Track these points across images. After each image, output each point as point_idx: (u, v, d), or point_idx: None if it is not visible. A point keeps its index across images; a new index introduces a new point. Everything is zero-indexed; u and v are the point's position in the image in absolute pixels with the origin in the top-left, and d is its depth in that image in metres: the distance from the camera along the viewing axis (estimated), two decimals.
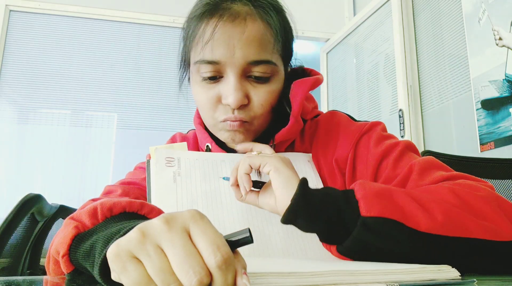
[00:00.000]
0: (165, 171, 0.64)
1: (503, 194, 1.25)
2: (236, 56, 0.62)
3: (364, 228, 0.47)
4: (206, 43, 0.63)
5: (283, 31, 0.67)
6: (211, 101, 0.66)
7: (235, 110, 0.66)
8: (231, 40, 0.62)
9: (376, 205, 0.47)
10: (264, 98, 0.66)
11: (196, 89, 0.69)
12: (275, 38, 0.65)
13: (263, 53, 0.64)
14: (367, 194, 0.48)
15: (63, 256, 0.45)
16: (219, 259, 0.29)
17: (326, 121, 0.76)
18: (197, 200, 0.62)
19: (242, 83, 0.65)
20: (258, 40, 0.63)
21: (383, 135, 0.71)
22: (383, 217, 0.47)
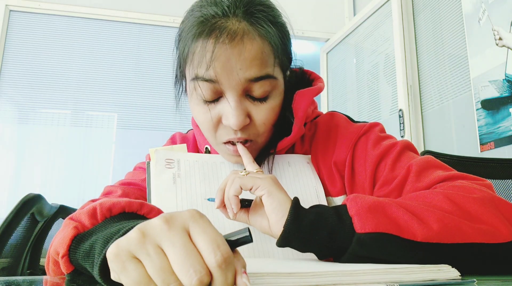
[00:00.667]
0: (165, 172, 0.64)
1: (503, 194, 1.25)
2: (235, 77, 0.60)
3: (360, 245, 0.47)
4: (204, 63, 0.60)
5: (281, 43, 0.64)
6: (212, 122, 0.64)
7: (237, 131, 0.63)
8: (229, 61, 0.59)
9: (370, 220, 0.47)
10: (265, 116, 0.64)
11: (195, 109, 0.67)
12: (274, 53, 0.63)
13: (263, 70, 0.61)
14: (360, 210, 0.48)
15: (62, 257, 0.45)
16: (219, 258, 0.29)
17: (325, 123, 0.75)
18: (196, 202, 0.62)
19: (242, 103, 0.62)
20: (257, 58, 0.60)
21: (380, 136, 0.71)
22: (378, 232, 0.47)
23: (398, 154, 0.66)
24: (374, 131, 0.71)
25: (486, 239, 0.48)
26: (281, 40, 0.64)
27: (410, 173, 0.61)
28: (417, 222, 0.48)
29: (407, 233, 0.47)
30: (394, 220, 0.48)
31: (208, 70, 0.60)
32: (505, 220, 0.50)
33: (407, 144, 0.69)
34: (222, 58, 0.59)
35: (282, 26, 0.67)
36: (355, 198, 0.51)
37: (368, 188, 0.66)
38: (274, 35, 0.63)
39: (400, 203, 0.51)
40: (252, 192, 0.55)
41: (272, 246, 0.60)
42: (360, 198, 0.50)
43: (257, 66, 0.60)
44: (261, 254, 0.59)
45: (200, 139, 0.76)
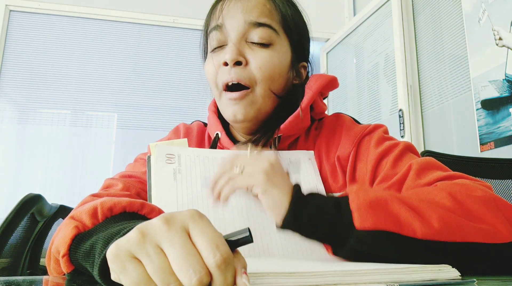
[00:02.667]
0: (165, 168, 0.64)
1: (503, 194, 1.25)
2: (236, 19, 0.69)
3: (359, 241, 0.47)
4: (214, 15, 0.72)
5: (286, 10, 0.72)
6: (215, 67, 0.71)
7: (231, 69, 0.68)
8: (234, 7, 0.70)
9: (370, 216, 0.47)
10: (262, 61, 0.68)
11: (206, 63, 0.74)
12: (277, 11, 0.71)
13: (262, 17, 0.69)
14: (361, 205, 0.48)
15: (63, 256, 0.45)
16: (218, 259, 0.29)
17: (330, 123, 0.77)
18: (197, 198, 0.62)
19: (240, 44, 0.69)
20: (259, 7, 0.69)
21: (384, 136, 0.72)
22: (378, 230, 0.46)
23: (400, 153, 0.67)
24: (378, 132, 0.73)
25: (486, 239, 0.48)
26: (289, 10, 0.73)
27: (411, 170, 0.62)
28: (418, 219, 0.47)
29: (407, 230, 0.47)
30: (394, 217, 0.48)
31: (216, 19, 0.71)
32: (506, 220, 0.50)
33: (409, 146, 0.70)
34: (228, 6, 0.70)
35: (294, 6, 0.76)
36: (358, 191, 0.50)
37: (368, 184, 0.67)
38: (281, 2, 0.72)
39: (402, 198, 0.50)
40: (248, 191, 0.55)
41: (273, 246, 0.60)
42: (363, 191, 0.50)
43: (257, 12, 0.69)
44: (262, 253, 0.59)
45: (212, 123, 0.78)
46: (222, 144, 0.75)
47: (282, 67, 0.71)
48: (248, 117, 0.70)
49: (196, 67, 2.82)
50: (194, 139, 0.79)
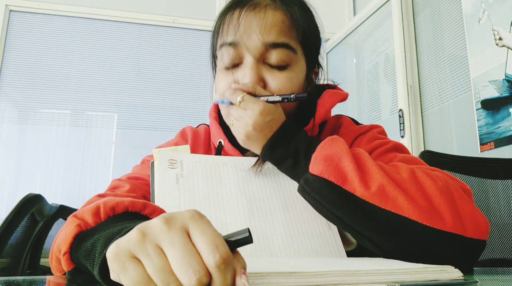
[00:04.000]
0: (168, 172, 0.64)
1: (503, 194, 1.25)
2: (253, 39, 0.65)
3: (306, 181, 0.56)
4: (229, 30, 0.68)
5: (304, 22, 0.70)
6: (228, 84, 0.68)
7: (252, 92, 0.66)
8: (251, 25, 0.66)
9: (319, 166, 0.55)
10: (281, 84, 0.67)
11: (219, 77, 0.72)
12: (296, 28, 0.68)
13: (281, 37, 0.66)
14: (318, 155, 0.56)
15: (64, 254, 0.46)
16: (217, 259, 0.29)
17: (331, 124, 0.78)
18: (199, 202, 0.62)
19: (258, 67, 0.67)
20: (277, 26, 0.66)
21: (377, 136, 0.73)
22: (322, 177, 0.54)
23: (386, 149, 0.68)
24: (372, 131, 0.74)
25: (421, 219, 0.49)
26: (306, 21, 0.70)
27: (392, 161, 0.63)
28: (360, 179, 0.52)
29: (349, 186, 0.52)
30: (340, 171, 0.54)
31: (231, 34, 0.67)
32: (456, 212, 0.51)
33: (399, 146, 0.71)
34: (244, 23, 0.66)
35: (311, 15, 0.74)
36: (327, 143, 0.58)
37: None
38: (298, 13, 0.69)
39: (359, 157, 0.56)
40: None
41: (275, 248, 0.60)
42: (328, 145, 0.58)
43: (275, 32, 0.66)
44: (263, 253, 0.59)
45: (214, 131, 0.77)
46: (226, 152, 0.75)
47: (299, 85, 0.70)
48: None
49: (196, 67, 2.82)
50: (201, 144, 0.79)
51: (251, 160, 0.69)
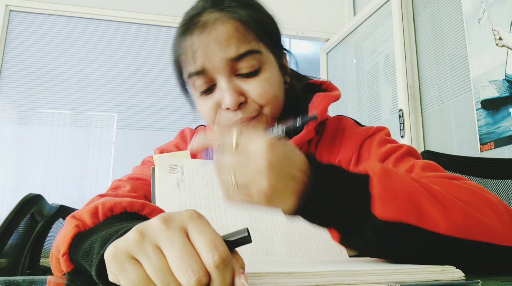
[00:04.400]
0: (169, 177, 0.65)
1: (503, 194, 1.25)
2: (217, 59, 0.64)
3: (375, 231, 0.42)
4: (189, 60, 0.66)
5: (257, 21, 0.67)
6: (213, 110, 0.67)
7: (237, 111, 0.66)
8: (207, 47, 0.64)
9: (392, 206, 0.41)
10: (260, 88, 0.66)
11: (198, 105, 0.71)
12: (251, 30, 0.66)
13: (242, 46, 0.64)
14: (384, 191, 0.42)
15: (63, 255, 0.45)
16: (216, 259, 0.29)
17: (332, 126, 0.77)
18: (200, 205, 0.63)
19: (233, 83, 0.65)
20: (233, 37, 0.64)
21: (386, 139, 0.71)
22: (398, 222, 0.41)
23: (402, 155, 0.66)
24: (380, 134, 0.72)
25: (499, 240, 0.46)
26: (257, 18, 0.68)
27: (415, 168, 0.61)
28: (443, 213, 0.43)
29: (431, 224, 0.42)
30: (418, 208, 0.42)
31: (194, 63, 0.65)
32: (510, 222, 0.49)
33: (412, 150, 0.69)
34: (201, 47, 0.64)
35: (256, 7, 0.70)
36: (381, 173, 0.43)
37: None
38: (246, 15, 0.66)
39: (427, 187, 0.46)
40: None
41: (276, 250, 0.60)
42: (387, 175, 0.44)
43: (234, 44, 0.64)
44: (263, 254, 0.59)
45: None
46: None
47: (277, 81, 0.70)
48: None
49: None
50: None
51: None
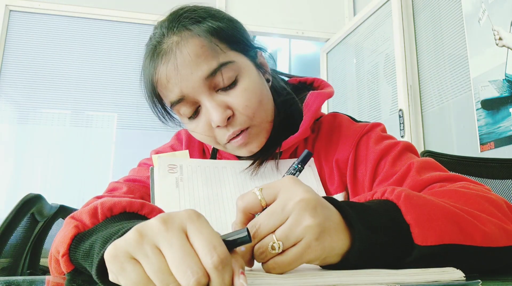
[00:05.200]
0: (168, 177, 0.65)
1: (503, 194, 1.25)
2: (192, 82, 0.62)
3: (419, 259, 0.39)
4: (166, 90, 0.65)
5: (217, 31, 0.65)
6: (206, 131, 0.66)
7: (228, 127, 0.64)
8: (178, 74, 0.62)
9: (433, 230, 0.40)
10: (244, 98, 0.64)
11: (190, 129, 0.70)
12: (213, 41, 0.64)
13: (212, 61, 0.62)
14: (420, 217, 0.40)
15: (63, 256, 0.45)
16: (215, 259, 0.29)
17: (328, 123, 0.76)
18: (199, 205, 0.63)
19: (216, 99, 0.64)
20: (200, 55, 0.62)
21: (382, 135, 0.71)
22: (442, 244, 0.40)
23: (399, 152, 0.66)
24: (376, 131, 0.72)
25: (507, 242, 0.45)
26: (216, 28, 0.65)
27: (411, 170, 0.61)
28: (477, 226, 0.42)
29: (470, 239, 0.41)
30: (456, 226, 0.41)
31: (171, 92, 0.64)
32: None
33: (409, 145, 0.69)
34: (173, 75, 0.63)
35: (213, 16, 0.67)
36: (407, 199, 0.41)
37: (368, 184, 0.66)
38: (205, 29, 0.64)
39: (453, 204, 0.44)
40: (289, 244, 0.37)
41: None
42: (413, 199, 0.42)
43: (204, 62, 0.62)
44: None
45: None
46: (222, 155, 0.75)
47: (258, 84, 0.68)
48: (262, 145, 0.69)
49: None
50: (196, 147, 0.79)
51: (249, 163, 0.69)
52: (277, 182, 0.38)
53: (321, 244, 0.35)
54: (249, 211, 0.37)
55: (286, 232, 0.35)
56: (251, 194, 0.38)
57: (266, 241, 0.35)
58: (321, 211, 0.36)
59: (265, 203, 0.37)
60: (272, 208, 0.36)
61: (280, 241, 0.35)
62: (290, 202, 0.36)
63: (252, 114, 0.65)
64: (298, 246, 0.35)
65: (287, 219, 0.35)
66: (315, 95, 0.73)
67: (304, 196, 0.36)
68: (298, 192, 0.36)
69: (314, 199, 0.36)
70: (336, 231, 0.37)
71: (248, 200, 0.37)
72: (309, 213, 0.35)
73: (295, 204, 0.35)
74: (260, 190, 0.37)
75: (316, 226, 0.35)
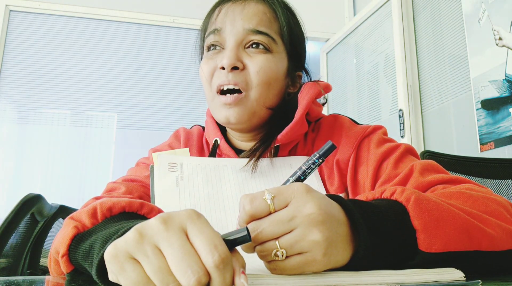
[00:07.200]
0: (168, 175, 0.65)
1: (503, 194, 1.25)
2: (236, 25, 0.69)
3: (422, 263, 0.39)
4: (214, 21, 0.71)
5: (285, 19, 0.72)
6: (210, 69, 0.70)
7: (229, 73, 0.67)
8: (233, 14, 0.69)
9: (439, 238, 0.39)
10: (259, 65, 0.68)
11: (201, 64, 0.74)
12: (275, 19, 0.71)
13: (261, 26, 0.69)
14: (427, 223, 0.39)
15: (62, 256, 0.45)
16: (216, 259, 0.29)
17: (328, 124, 0.76)
18: (199, 204, 0.63)
19: (239, 50, 0.69)
20: (258, 16, 0.69)
21: (384, 138, 0.71)
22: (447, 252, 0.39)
23: (401, 155, 0.66)
24: (377, 133, 0.72)
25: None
26: (288, 20, 0.72)
27: (414, 171, 0.61)
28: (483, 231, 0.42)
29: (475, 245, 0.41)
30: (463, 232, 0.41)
31: (215, 23, 0.70)
32: None
33: (410, 148, 0.69)
34: (227, 12, 0.70)
35: (290, 10, 0.76)
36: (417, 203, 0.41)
37: (369, 185, 0.66)
38: (280, 7, 0.72)
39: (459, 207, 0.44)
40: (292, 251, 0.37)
41: None
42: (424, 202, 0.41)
43: (257, 21, 0.69)
44: None
45: (211, 130, 0.77)
46: (222, 151, 0.75)
47: (278, 73, 0.71)
48: (241, 120, 0.69)
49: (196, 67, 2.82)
50: (194, 145, 0.79)
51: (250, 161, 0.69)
52: (289, 190, 0.37)
53: (327, 259, 0.35)
54: (257, 217, 0.36)
55: (291, 242, 0.34)
56: (262, 201, 0.36)
57: (270, 246, 0.35)
58: (330, 225, 0.35)
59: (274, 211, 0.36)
60: (279, 217, 0.35)
61: (283, 250, 0.34)
62: (299, 213, 0.35)
63: (256, 82, 0.68)
64: (303, 256, 0.34)
65: (292, 230, 0.35)
66: (309, 85, 0.74)
67: (314, 210, 0.35)
68: (308, 204, 0.35)
69: (324, 213, 0.35)
70: (342, 243, 0.36)
71: (257, 207, 0.36)
72: (317, 228, 0.34)
73: (304, 217, 0.34)
74: (272, 198, 0.36)
75: (323, 242, 0.34)
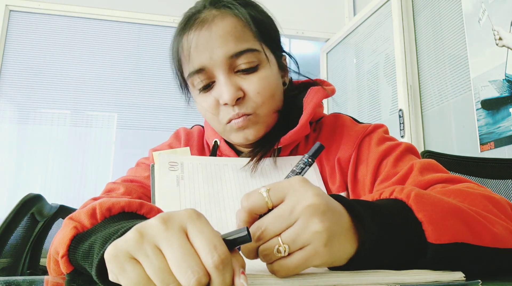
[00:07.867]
0: (169, 175, 0.64)
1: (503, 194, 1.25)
2: (216, 56, 0.65)
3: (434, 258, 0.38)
4: (187, 56, 0.67)
5: (255, 19, 0.68)
6: (212, 107, 0.68)
7: (234, 107, 0.66)
8: (206, 44, 0.65)
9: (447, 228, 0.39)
10: (258, 86, 0.67)
11: (198, 103, 0.71)
12: (249, 28, 0.67)
13: (240, 44, 0.65)
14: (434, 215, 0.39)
15: (62, 257, 0.45)
16: (216, 259, 0.29)
17: (330, 124, 0.76)
18: (200, 203, 0.62)
19: (232, 79, 0.66)
20: (231, 34, 0.65)
21: (385, 136, 0.71)
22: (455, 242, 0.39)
23: (401, 153, 0.66)
24: (378, 132, 0.72)
25: None
26: (256, 17, 0.69)
27: (413, 170, 0.61)
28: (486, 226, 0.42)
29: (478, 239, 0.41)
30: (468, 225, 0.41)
31: (193, 61, 0.66)
32: None
33: (410, 147, 0.69)
34: (199, 42, 0.66)
35: (255, 7, 0.72)
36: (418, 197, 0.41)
37: (369, 184, 0.66)
38: (245, 13, 0.68)
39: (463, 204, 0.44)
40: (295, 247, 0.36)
41: None
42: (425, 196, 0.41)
43: (233, 41, 0.65)
44: None
45: (210, 131, 0.77)
46: (222, 152, 0.75)
47: (275, 79, 0.70)
48: (259, 135, 0.69)
49: None
50: (195, 145, 0.79)
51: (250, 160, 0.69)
52: (285, 183, 0.36)
53: (329, 251, 0.34)
54: (254, 212, 0.36)
55: (292, 236, 0.34)
56: (258, 194, 0.36)
57: (272, 243, 0.34)
58: (330, 216, 0.35)
59: (271, 205, 0.36)
60: (279, 211, 0.35)
61: (286, 245, 0.34)
62: (298, 205, 0.34)
63: (261, 102, 0.67)
64: (305, 250, 0.34)
65: (294, 223, 0.34)
66: (315, 90, 0.74)
67: (313, 200, 0.34)
68: (307, 195, 0.35)
69: (323, 203, 0.35)
70: (345, 236, 0.36)
71: (253, 201, 0.36)
72: (318, 218, 0.34)
73: (304, 208, 0.34)
74: (268, 191, 0.36)
75: (324, 232, 0.34)
